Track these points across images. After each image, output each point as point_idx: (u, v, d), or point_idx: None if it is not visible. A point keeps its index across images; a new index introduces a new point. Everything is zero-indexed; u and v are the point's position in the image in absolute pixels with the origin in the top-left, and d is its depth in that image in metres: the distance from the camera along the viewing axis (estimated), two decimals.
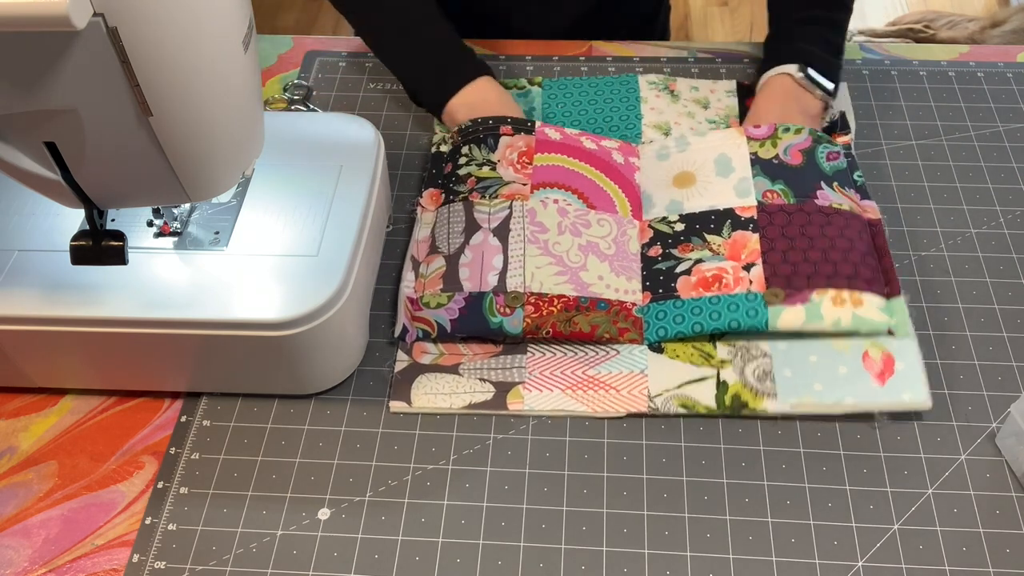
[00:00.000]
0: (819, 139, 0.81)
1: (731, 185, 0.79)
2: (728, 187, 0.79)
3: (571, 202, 0.78)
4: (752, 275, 0.73)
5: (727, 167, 0.80)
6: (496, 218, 0.77)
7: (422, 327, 0.73)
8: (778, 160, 0.79)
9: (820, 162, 0.79)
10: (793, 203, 0.76)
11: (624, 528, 0.63)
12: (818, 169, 0.79)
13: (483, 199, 0.78)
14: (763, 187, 0.78)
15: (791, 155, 0.80)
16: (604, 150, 0.83)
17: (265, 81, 0.96)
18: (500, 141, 0.82)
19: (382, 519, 0.64)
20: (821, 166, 0.79)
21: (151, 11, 0.51)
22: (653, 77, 0.93)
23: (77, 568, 0.63)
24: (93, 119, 0.55)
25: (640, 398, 0.69)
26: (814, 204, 0.76)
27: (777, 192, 0.77)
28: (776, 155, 0.80)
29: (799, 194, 0.77)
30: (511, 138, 0.82)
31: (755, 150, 0.81)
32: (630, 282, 0.75)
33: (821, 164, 0.79)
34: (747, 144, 0.81)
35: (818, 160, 0.79)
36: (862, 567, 0.61)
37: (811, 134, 0.81)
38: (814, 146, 0.80)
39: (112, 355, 0.68)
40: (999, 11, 2.26)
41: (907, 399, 0.67)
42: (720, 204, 0.78)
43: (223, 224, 0.71)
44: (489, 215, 0.77)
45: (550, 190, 0.78)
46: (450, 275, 0.75)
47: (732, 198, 0.78)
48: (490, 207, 0.77)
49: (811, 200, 0.76)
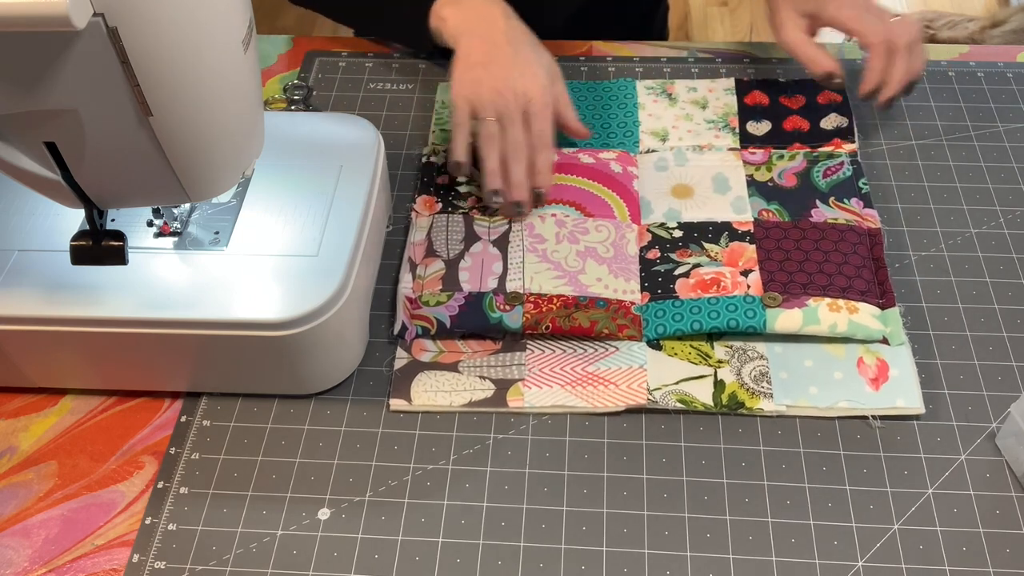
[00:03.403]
0: (815, 160, 0.84)
1: (728, 201, 0.81)
2: (725, 203, 0.81)
3: (568, 214, 0.80)
4: (750, 280, 0.74)
5: (724, 185, 0.82)
6: (495, 231, 0.79)
7: (421, 324, 0.73)
8: (773, 183, 0.82)
9: (816, 181, 0.82)
10: (788, 221, 0.79)
11: (624, 528, 0.63)
12: (813, 188, 0.81)
13: (483, 216, 0.80)
14: (759, 206, 0.80)
15: (785, 179, 0.82)
16: (602, 162, 0.84)
17: (265, 81, 0.96)
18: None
19: (382, 519, 0.64)
20: (816, 185, 0.81)
21: (151, 11, 0.51)
22: (651, 82, 0.93)
23: (77, 568, 0.63)
24: (93, 119, 0.55)
25: (639, 391, 0.69)
26: (809, 221, 0.78)
27: (772, 211, 0.80)
28: (771, 179, 0.82)
29: (794, 214, 0.79)
30: None
31: (751, 173, 0.83)
32: (628, 283, 0.75)
33: (817, 183, 0.81)
34: (743, 168, 0.84)
35: (814, 180, 0.82)
36: (862, 567, 0.61)
37: (806, 157, 0.84)
38: (809, 167, 0.83)
39: (112, 355, 0.68)
40: (999, 11, 2.26)
41: (901, 404, 0.68)
42: (717, 217, 0.80)
43: (223, 224, 0.71)
44: (489, 228, 0.79)
45: (548, 206, 0.81)
46: (450, 277, 0.75)
47: (729, 213, 0.80)
48: (490, 223, 0.80)
49: (806, 218, 0.78)
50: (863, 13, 0.85)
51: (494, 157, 0.77)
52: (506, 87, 0.77)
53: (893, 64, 0.83)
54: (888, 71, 0.83)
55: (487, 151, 0.77)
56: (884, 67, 0.84)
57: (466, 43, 0.81)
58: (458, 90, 0.79)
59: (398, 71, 0.97)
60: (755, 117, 0.88)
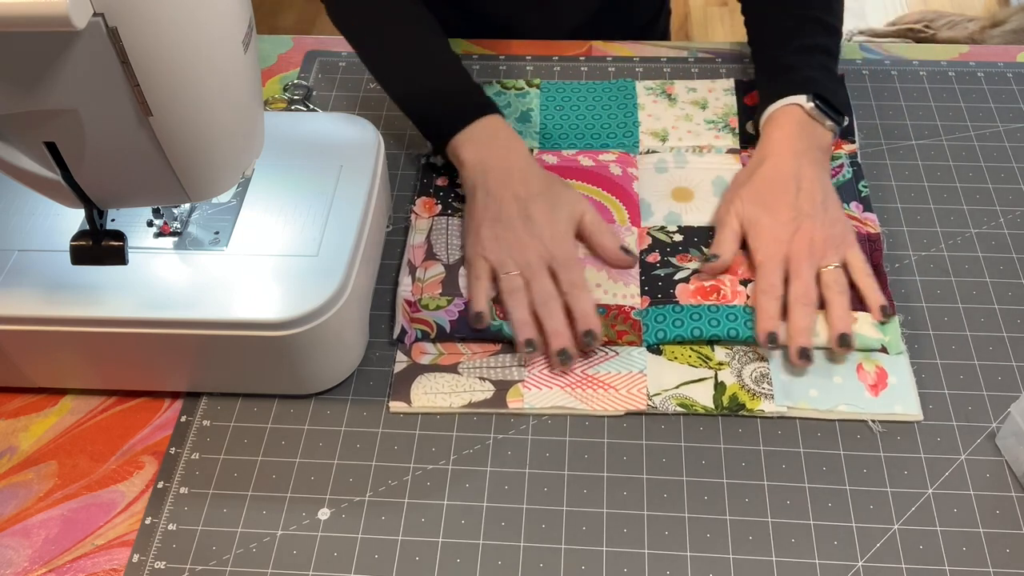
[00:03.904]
0: None
1: None
2: None
3: None
4: (749, 290, 0.74)
5: (724, 188, 0.82)
6: None
7: (421, 328, 0.73)
8: None
9: None
10: None
11: (624, 528, 0.63)
12: None
13: None
14: None
15: None
16: (601, 165, 0.84)
17: (265, 81, 0.96)
18: None
19: (382, 519, 0.64)
20: None
21: (151, 11, 0.51)
22: (651, 83, 0.93)
23: (77, 568, 0.63)
24: (93, 119, 0.55)
25: (639, 397, 0.69)
26: None
27: None
28: None
29: None
30: None
31: None
32: (628, 287, 0.75)
33: None
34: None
35: None
36: (862, 567, 0.61)
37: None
38: None
39: (112, 355, 0.68)
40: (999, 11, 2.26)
41: (899, 410, 0.68)
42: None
43: (223, 224, 0.71)
44: None
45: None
46: (449, 281, 0.75)
47: None
48: None
49: None
50: (760, 216, 0.75)
51: (522, 308, 0.72)
52: (529, 247, 0.74)
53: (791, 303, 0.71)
54: (791, 318, 0.71)
55: (512, 304, 0.72)
56: (774, 306, 0.71)
57: (482, 197, 0.77)
58: (475, 249, 0.75)
59: None
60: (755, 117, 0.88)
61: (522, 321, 0.71)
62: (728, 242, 0.76)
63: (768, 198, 0.76)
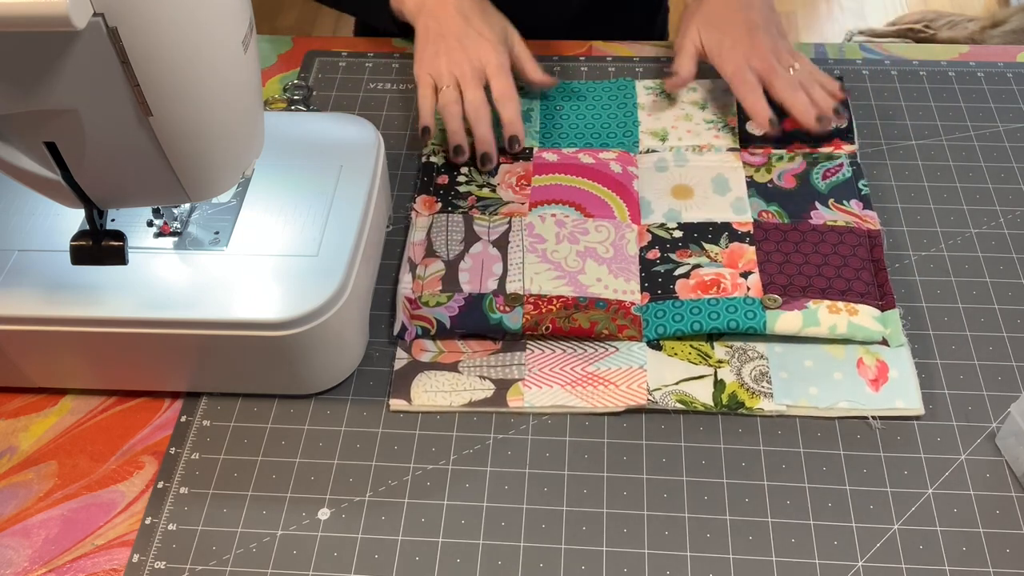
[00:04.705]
0: (814, 161, 0.84)
1: (728, 203, 0.81)
2: (725, 204, 0.81)
3: (568, 214, 0.80)
4: (750, 282, 0.74)
5: (724, 186, 0.83)
6: (495, 232, 0.79)
7: (421, 324, 0.73)
8: (772, 184, 0.82)
9: (815, 183, 0.82)
10: (787, 223, 0.79)
11: (624, 528, 0.63)
12: (812, 190, 0.81)
13: (482, 215, 0.80)
14: (758, 207, 0.80)
15: (784, 180, 0.82)
16: (602, 162, 0.85)
17: (265, 81, 0.96)
18: (499, 168, 0.85)
19: (382, 519, 0.65)
20: (816, 186, 0.81)
21: (151, 11, 0.51)
22: (651, 82, 0.93)
23: (77, 568, 0.63)
24: (93, 119, 0.55)
25: (639, 392, 0.69)
26: (808, 224, 0.78)
27: (772, 212, 0.80)
28: (770, 180, 0.83)
29: (793, 215, 0.79)
30: (510, 165, 0.85)
31: (750, 174, 0.83)
32: (628, 283, 0.75)
33: (816, 184, 0.82)
34: (743, 169, 0.84)
35: (813, 181, 0.82)
36: (862, 567, 0.61)
37: (805, 158, 0.84)
38: (808, 169, 0.83)
39: (112, 355, 0.68)
40: (999, 11, 2.26)
41: (900, 405, 0.68)
42: (717, 218, 0.80)
43: (223, 224, 0.71)
44: (488, 228, 0.79)
45: (548, 206, 0.81)
46: (449, 277, 0.75)
47: (729, 214, 0.80)
48: (489, 222, 0.80)
49: (805, 220, 0.79)
50: (721, 38, 0.86)
51: (456, 119, 0.83)
52: (461, 56, 0.84)
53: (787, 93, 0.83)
54: (791, 102, 0.83)
55: (447, 115, 0.83)
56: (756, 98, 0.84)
57: (423, 21, 0.87)
58: (419, 67, 0.86)
59: (398, 71, 0.97)
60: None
61: (453, 131, 0.83)
62: (687, 61, 0.87)
63: (721, 21, 0.86)
